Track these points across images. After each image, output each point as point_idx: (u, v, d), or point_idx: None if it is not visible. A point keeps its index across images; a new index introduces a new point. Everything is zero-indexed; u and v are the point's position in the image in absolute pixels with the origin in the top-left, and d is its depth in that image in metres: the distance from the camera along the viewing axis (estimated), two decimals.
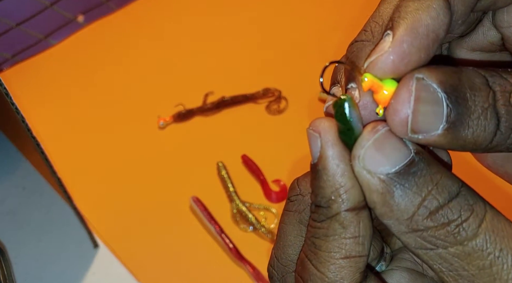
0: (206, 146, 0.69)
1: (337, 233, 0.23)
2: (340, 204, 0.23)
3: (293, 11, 0.86)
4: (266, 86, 0.74)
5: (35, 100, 0.76)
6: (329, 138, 0.23)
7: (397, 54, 0.21)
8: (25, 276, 0.59)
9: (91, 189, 0.66)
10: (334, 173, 0.23)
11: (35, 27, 0.80)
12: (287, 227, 0.26)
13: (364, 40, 0.24)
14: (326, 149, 0.23)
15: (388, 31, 0.22)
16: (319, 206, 0.23)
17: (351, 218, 0.23)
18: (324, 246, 0.23)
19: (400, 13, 0.22)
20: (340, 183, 0.22)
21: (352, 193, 0.22)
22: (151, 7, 0.88)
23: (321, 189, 0.23)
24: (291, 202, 0.26)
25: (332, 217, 0.23)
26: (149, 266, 0.59)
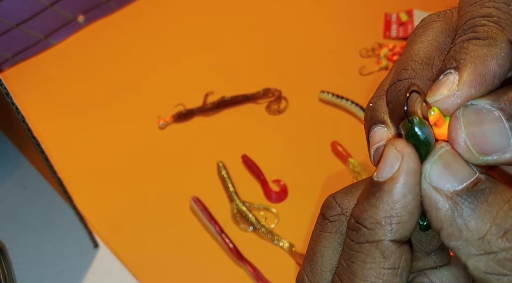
0: (206, 146, 0.69)
1: (376, 261, 0.22)
2: (387, 232, 0.21)
3: (293, 11, 0.86)
4: (266, 86, 0.74)
5: (35, 100, 0.76)
6: (411, 166, 0.21)
7: (464, 98, 0.22)
8: (25, 276, 0.59)
9: (91, 189, 0.66)
10: (397, 200, 0.21)
11: (35, 27, 0.80)
12: (326, 251, 0.24)
13: (408, 78, 0.24)
14: (403, 174, 0.21)
15: (451, 70, 0.22)
16: (361, 225, 0.22)
17: (394, 249, 0.22)
18: (360, 273, 0.22)
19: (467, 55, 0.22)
20: (397, 212, 0.21)
21: (404, 227, 0.21)
22: (151, 7, 0.88)
23: (373, 208, 0.22)
24: (331, 223, 0.24)
25: (373, 243, 0.22)
26: (149, 266, 0.59)
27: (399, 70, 0.25)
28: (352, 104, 0.69)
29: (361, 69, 0.76)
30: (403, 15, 0.81)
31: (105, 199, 0.65)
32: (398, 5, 0.83)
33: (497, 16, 0.22)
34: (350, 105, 0.69)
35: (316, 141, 0.68)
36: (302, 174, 0.65)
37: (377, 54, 0.77)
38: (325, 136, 0.68)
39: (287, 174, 0.65)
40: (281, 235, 0.59)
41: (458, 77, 0.22)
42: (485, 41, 0.22)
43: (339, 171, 0.65)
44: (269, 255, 0.59)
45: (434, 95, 0.22)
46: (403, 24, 0.80)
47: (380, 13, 0.83)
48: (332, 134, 0.68)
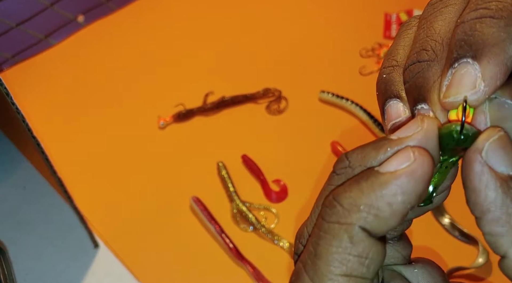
0: (206, 146, 0.69)
1: (343, 246, 0.21)
2: (361, 218, 0.20)
3: (293, 11, 0.86)
4: (266, 86, 0.74)
5: (35, 100, 0.76)
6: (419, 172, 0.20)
7: (491, 92, 0.21)
8: (25, 276, 0.59)
9: (91, 189, 0.66)
10: (386, 195, 0.20)
11: (35, 27, 0.80)
12: None
13: (428, 60, 0.23)
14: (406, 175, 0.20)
15: (468, 60, 0.21)
16: (338, 203, 0.21)
17: (363, 237, 0.20)
18: (324, 256, 0.21)
19: (484, 42, 0.21)
20: (380, 206, 0.20)
21: (380, 222, 0.20)
22: (151, 7, 0.88)
23: (358, 192, 0.21)
24: (337, 175, 0.23)
25: (343, 224, 0.21)
26: (149, 266, 0.59)
27: (418, 50, 0.24)
28: (352, 104, 0.69)
29: (361, 69, 0.76)
30: (403, 15, 0.81)
31: (105, 199, 0.65)
32: (398, 5, 0.83)
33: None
34: (350, 105, 0.69)
35: (316, 141, 0.68)
36: (302, 174, 0.65)
37: (377, 54, 0.77)
38: (325, 136, 0.68)
39: (287, 174, 0.65)
40: (281, 235, 0.59)
41: (480, 69, 0.21)
42: (500, 21, 0.21)
43: None
44: (269, 255, 0.59)
45: (459, 92, 0.21)
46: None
47: (380, 13, 0.83)
48: (332, 134, 0.68)
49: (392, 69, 0.25)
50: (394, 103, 0.24)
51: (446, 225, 0.59)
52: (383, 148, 0.22)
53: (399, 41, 0.26)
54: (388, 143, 0.22)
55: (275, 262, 0.58)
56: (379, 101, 0.25)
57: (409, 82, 0.24)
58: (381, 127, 0.66)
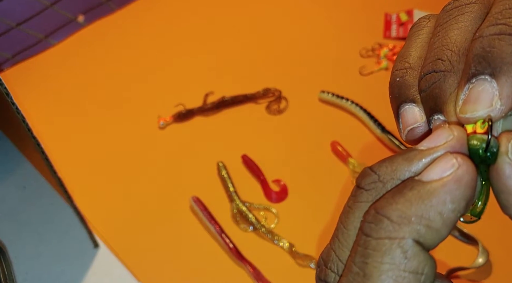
0: (206, 146, 0.69)
1: (396, 262, 0.19)
2: (413, 231, 0.19)
3: (293, 11, 0.86)
4: (266, 86, 0.74)
5: (36, 100, 0.76)
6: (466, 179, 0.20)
7: (507, 111, 0.21)
8: (25, 276, 0.59)
9: (91, 189, 0.66)
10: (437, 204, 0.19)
11: (35, 27, 0.80)
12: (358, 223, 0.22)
13: (444, 71, 0.23)
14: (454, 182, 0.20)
15: (486, 77, 0.21)
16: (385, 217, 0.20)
17: (417, 251, 0.19)
18: (376, 275, 0.19)
19: (503, 60, 0.21)
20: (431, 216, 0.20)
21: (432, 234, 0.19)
22: (151, 7, 0.88)
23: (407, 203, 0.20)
24: (367, 191, 0.22)
25: (395, 239, 0.19)
26: (149, 266, 0.59)
27: (434, 59, 0.23)
28: (352, 104, 0.69)
29: (361, 69, 0.76)
30: (403, 15, 0.81)
31: (105, 199, 0.65)
32: (398, 5, 0.83)
33: None
34: (350, 105, 0.69)
35: (316, 141, 0.68)
36: (302, 174, 0.65)
37: (377, 54, 0.77)
38: (325, 136, 0.68)
39: (287, 174, 0.65)
40: (281, 235, 0.59)
41: (498, 88, 0.21)
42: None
43: (339, 171, 0.65)
44: (269, 255, 0.59)
45: (476, 111, 0.21)
46: (403, 24, 0.80)
47: (380, 13, 0.83)
48: (332, 134, 0.68)
49: (405, 72, 0.25)
50: (410, 108, 0.24)
51: None
52: (416, 158, 0.21)
53: (410, 42, 0.26)
54: (419, 153, 0.21)
55: (275, 262, 0.58)
56: (392, 104, 0.25)
57: (426, 91, 0.23)
58: (381, 128, 0.66)
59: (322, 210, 0.61)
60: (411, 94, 0.24)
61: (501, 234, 0.57)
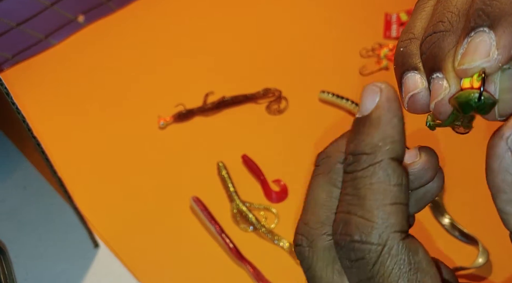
0: (207, 146, 0.69)
1: (382, 180, 0.23)
2: (385, 151, 0.23)
3: (293, 11, 0.86)
4: (266, 86, 0.74)
5: (36, 100, 0.76)
6: (391, 94, 0.24)
7: (504, 61, 0.22)
8: (25, 276, 0.59)
9: (91, 189, 0.66)
10: (387, 123, 0.23)
11: (35, 27, 0.80)
12: (316, 190, 0.26)
13: (443, 31, 0.24)
14: (386, 101, 0.23)
15: (484, 28, 0.22)
16: (362, 154, 0.24)
17: (395, 167, 0.23)
18: (369, 194, 0.23)
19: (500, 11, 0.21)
20: (389, 133, 0.23)
21: (398, 145, 0.23)
22: (151, 7, 0.88)
23: (368, 136, 0.24)
24: (319, 166, 0.27)
25: (376, 164, 0.23)
26: (149, 266, 0.59)
27: (435, 22, 0.24)
28: (352, 104, 0.69)
29: (361, 69, 0.76)
30: (403, 15, 0.81)
31: (105, 199, 0.65)
32: (398, 5, 0.83)
33: None
34: (350, 105, 0.69)
35: (316, 141, 0.68)
36: (302, 174, 0.65)
37: (377, 54, 0.77)
38: (325, 136, 0.68)
39: (287, 174, 0.65)
40: (281, 235, 0.59)
41: (495, 38, 0.21)
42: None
43: None
44: (269, 255, 0.59)
45: (473, 61, 0.22)
46: (403, 24, 0.80)
47: (380, 13, 0.83)
48: (332, 134, 0.68)
49: (409, 42, 0.26)
50: (412, 75, 0.26)
51: (446, 225, 0.59)
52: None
53: (415, 14, 0.27)
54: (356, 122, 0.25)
55: (275, 262, 0.58)
56: (396, 74, 0.27)
57: (426, 53, 0.25)
58: None
59: None
60: (414, 62, 0.26)
61: (501, 234, 0.57)
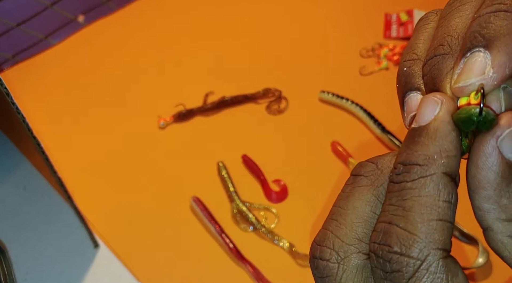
0: (207, 146, 0.69)
1: (431, 194, 0.22)
2: (440, 165, 0.22)
3: (293, 11, 0.86)
4: (266, 86, 0.74)
5: (36, 100, 0.76)
6: (452, 108, 0.23)
7: (500, 79, 0.22)
8: (25, 276, 0.59)
9: (91, 189, 0.66)
10: (445, 136, 0.23)
11: (35, 27, 0.80)
12: (358, 202, 0.24)
13: (443, 54, 0.25)
14: (446, 114, 0.23)
15: (480, 49, 0.22)
16: (414, 165, 0.23)
17: (447, 182, 0.22)
18: (415, 206, 0.22)
19: (496, 32, 0.22)
20: (446, 147, 0.23)
21: (453, 160, 0.23)
22: (151, 7, 0.88)
23: (423, 147, 0.23)
24: (366, 177, 0.25)
25: (427, 177, 0.22)
26: (149, 266, 0.59)
27: (436, 46, 0.25)
28: (352, 104, 0.69)
29: (361, 69, 0.76)
30: (403, 15, 0.81)
31: (105, 199, 0.65)
32: (398, 5, 0.83)
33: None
34: (350, 105, 0.69)
35: (316, 141, 0.68)
36: (302, 174, 0.65)
37: (377, 54, 0.77)
38: (325, 136, 0.68)
39: (287, 174, 0.65)
40: (281, 235, 0.59)
41: (490, 58, 0.22)
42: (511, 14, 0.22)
43: (339, 171, 0.65)
44: (269, 255, 0.59)
45: (469, 78, 0.23)
46: (403, 24, 0.80)
47: (380, 13, 0.83)
48: (332, 134, 0.68)
49: (413, 62, 0.26)
50: (414, 96, 0.26)
51: None
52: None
53: (418, 35, 0.27)
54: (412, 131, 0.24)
55: (275, 262, 0.58)
56: (398, 93, 0.27)
57: (427, 74, 0.25)
58: (381, 128, 0.66)
59: (322, 210, 0.61)
60: (416, 82, 0.26)
61: None
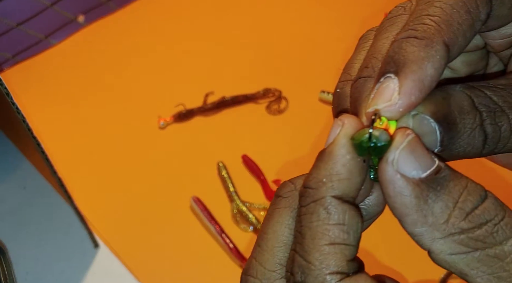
0: (207, 146, 0.69)
1: (321, 218, 0.22)
2: (328, 188, 0.23)
3: (293, 11, 0.86)
4: (266, 86, 0.74)
5: (36, 100, 0.76)
6: (350, 131, 0.23)
7: (405, 106, 0.22)
8: (25, 276, 0.59)
9: (91, 189, 0.66)
10: (337, 160, 0.23)
11: (36, 27, 0.80)
12: (277, 226, 0.25)
13: (366, 76, 0.25)
14: (343, 137, 0.23)
15: (391, 75, 0.23)
16: (308, 188, 0.23)
17: (336, 205, 0.22)
18: (308, 233, 0.22)
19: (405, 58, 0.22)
20: (337, 170, 0.23)
21: (344, 183, 0.23)
22: (151, 7, 0.88)
23: (317, 170, 0.23)
24: (284, 198, 0.25)
25: (317, 201, 0.23)
26: (149, 266, 0.59)
27: (362, 67, 0.26)
28: None
29: None
30: None
31: (105, 199, 0.65)
32: None
33: (439, 16, 0.23)
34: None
35: (316, 141, 0.68)
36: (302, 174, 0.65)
37: None
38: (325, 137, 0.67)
39: (287, 174, 0.65)
40: None
41: (398, 84, 0.22)
42: (421, 41, 0.22)
43: None
44: None
45: (377, 104, 0.23)
46: None
47: (380, 13, 0.83)
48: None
49: (346, 83, 0.27)
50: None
51: None
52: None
53: (355, 54, 0.28)
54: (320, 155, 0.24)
55: None
56: (333, 114, 0.27)
57: (352, 97, 0.26)
58: None
59: None
60: (347, 104, 0.26)
61: None
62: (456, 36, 0.23)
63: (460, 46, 0.23)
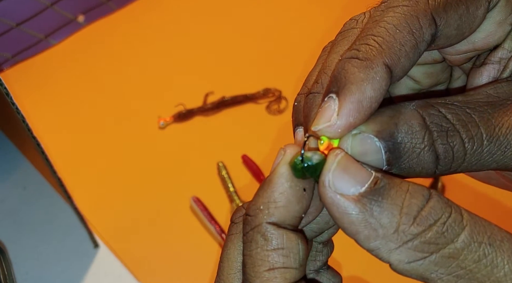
0: (207, 146, 0.69)
1: (259, 245, 0.23)
2: (265, 215, 0.23)
3: (293, 11, 0.86)
4: (266, 86, 0.74)
5: (36, 100, 0.76)
6: (290, 159, 0.23)
7: (344, 127, 0.22)
8: (25, 276, 0.59)
9: (91, 189, 0.66)
10: (275, 188, 0.23)
11: (35, 27, 0.80)
12: (230, 251, 0.25)
13: (316, 92, 0.25)
14: (282, 166, 0.23)
15: (332, 95, 0.23)
16: (248, 215, 0.23)
17: (273, 231, 0.23)
18: (249, 261, 0.23)
19: (346, 80, 0.22)
20: (275, 198, 0.23)
21: (281, 211, 0.23)
22: (151, 7, 0.88)
23: (256, 198, 0.23)
24: (235, 224, 0.26)
25: (254, 228, 0.23)
26: (149, 266, 0.59)
27: (314, 82, 0.26)
28: None
29: None
30: None
31: (105, 199, 0.65)
32: None
33: (382, 37, 0.23)
34: None
35: None
36: None
37: None
38: None
39: None
40: None
41: (338, 105, 0.22)
42: (362, 62, 0.22)
43: None
44: None
45: (317, 125, 0.23)
46: None
47: None
48: None
49: (303, 97, 0.27)
50: (300, 131, 0.26)
51: None
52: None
53: (315, 67, 0.28)
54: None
55: None
56: (292, 127, 0.27)
57: (304, 112, 0.26)
58: None
59: None
60: (302, 118, 0.27)
61: None
62: (398, 57, 0.23)
63: (403, 66, 0.23)
